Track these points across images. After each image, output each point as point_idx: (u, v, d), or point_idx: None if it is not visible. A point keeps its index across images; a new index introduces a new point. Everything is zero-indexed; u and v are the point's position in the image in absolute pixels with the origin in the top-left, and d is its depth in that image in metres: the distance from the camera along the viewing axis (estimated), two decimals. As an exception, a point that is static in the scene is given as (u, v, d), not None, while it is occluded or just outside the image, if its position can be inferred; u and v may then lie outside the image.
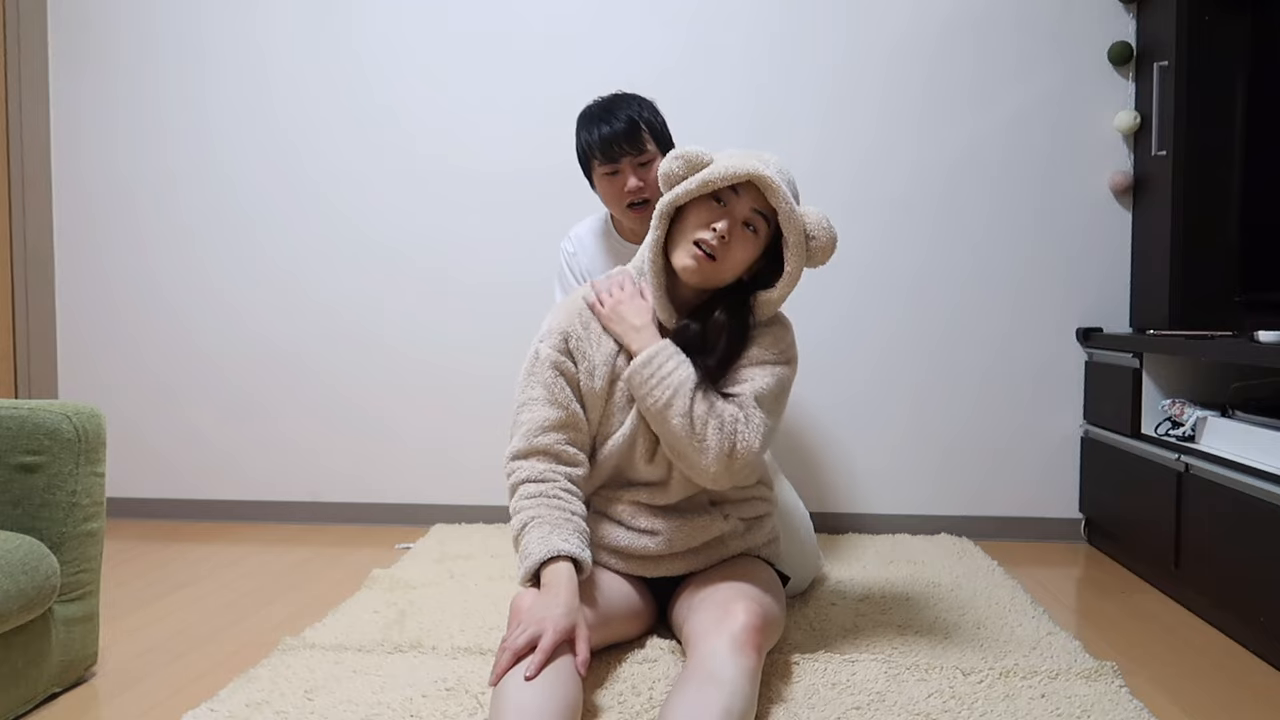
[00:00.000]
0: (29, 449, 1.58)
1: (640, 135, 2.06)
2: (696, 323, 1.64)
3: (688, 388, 1.56)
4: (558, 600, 1.44)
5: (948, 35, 2.75)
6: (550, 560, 1.50)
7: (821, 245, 1.63)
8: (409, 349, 2.93)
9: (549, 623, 1.39)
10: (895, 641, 1.81)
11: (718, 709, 1.26)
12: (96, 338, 3.03)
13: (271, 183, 2.95)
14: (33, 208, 3.02)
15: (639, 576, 1.72)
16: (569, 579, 1.48)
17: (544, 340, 1.67)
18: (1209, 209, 2.45)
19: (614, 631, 1.65)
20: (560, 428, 1.63)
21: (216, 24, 2.93)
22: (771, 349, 1.66)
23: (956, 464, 2.80)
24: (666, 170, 1.63)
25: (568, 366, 1.65)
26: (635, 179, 2.07)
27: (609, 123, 2.06)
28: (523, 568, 1.52)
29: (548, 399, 1.63)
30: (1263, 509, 1.80)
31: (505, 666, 1.35)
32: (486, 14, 2.85)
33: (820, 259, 1.65)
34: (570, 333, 1.67)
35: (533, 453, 1.62)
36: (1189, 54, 2.43)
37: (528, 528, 1.54)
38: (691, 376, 1.57)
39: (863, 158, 2.78)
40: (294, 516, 2.99)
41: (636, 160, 2.07)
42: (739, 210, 1.60)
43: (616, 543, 1.69)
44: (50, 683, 1.60)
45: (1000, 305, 2.78)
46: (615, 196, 2.12)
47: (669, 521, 1.68)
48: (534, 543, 1.51)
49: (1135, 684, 1.66)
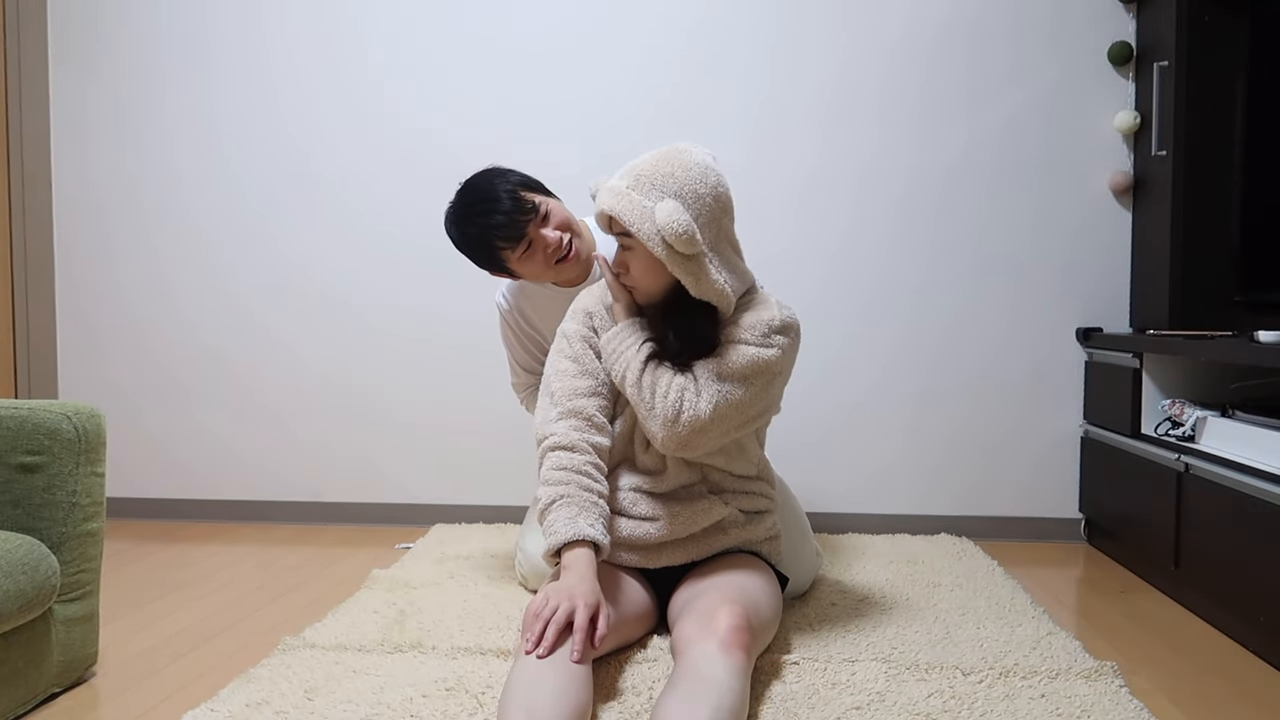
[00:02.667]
0: (29, 449, 1.58)
1: (523, 199, 1.91)
2: (670, 326, 1.69)
3: (639, 359, 1.66)
4: (578, 580, 1.50)
5: (947, 36, 2.75)
6: (574, 544, 1.55)
7: (678, 234, 1.57)
8: (410, 348, 2.93)
9: (580, 598, 1.45)
10: (895, 641, 1.81)
11: (708, 707, 1.27)
12: (96, 338, 3.03)
13: (273, 181, 2.95)
14: (33, 208, 3.02)
15: (642, 571, 1.74)
16: (589, 564, 1.54)
17: (571, 319, 1.79)
18: (1209, 209, 2.45)
19: (624, 635, 1.66)
20: (592, 394, 1.71)
21: (217, 22, 2.93)
22: (750, 330, 1.68)
23: (956, 464, 2.81)
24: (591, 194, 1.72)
25: (594, 340, 1.76)
26: (551, 233, 1.93)
27: (492, 208, 1.89)
28: (547, 542, 1.58)
29: (579, 370, 1.72)
30: (1263, 509, 1.80)
31: (540, 634, 1.39)
32: (493, 16, 2.85)
33: (679, 245, 1.59)
34: (594, 312, 1.78)
35: (568, 415, 1.69)
36: (1189, 54, 2.43)
37: (555, 505, 1.60)
38: (645, 348, 1.67)
39: (864, 163, 2.78)
40: (294, 516, 2.99)
41: (539, 218, 1.92)
42: (619, 238, 1.69)
43: (619, 531, 1.71)
44: (50, 683, 1.60)
45: (1000, 305, 2.78)
46: (542, 263, 1.95)
47: (668, 507, 1.71)
48: (561, 521, 1.57)
49: (1135, 684, 1.66)
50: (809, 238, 2.80)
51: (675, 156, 1.66)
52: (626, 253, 1.68)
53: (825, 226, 2.80)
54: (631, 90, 2.81)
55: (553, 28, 2.84)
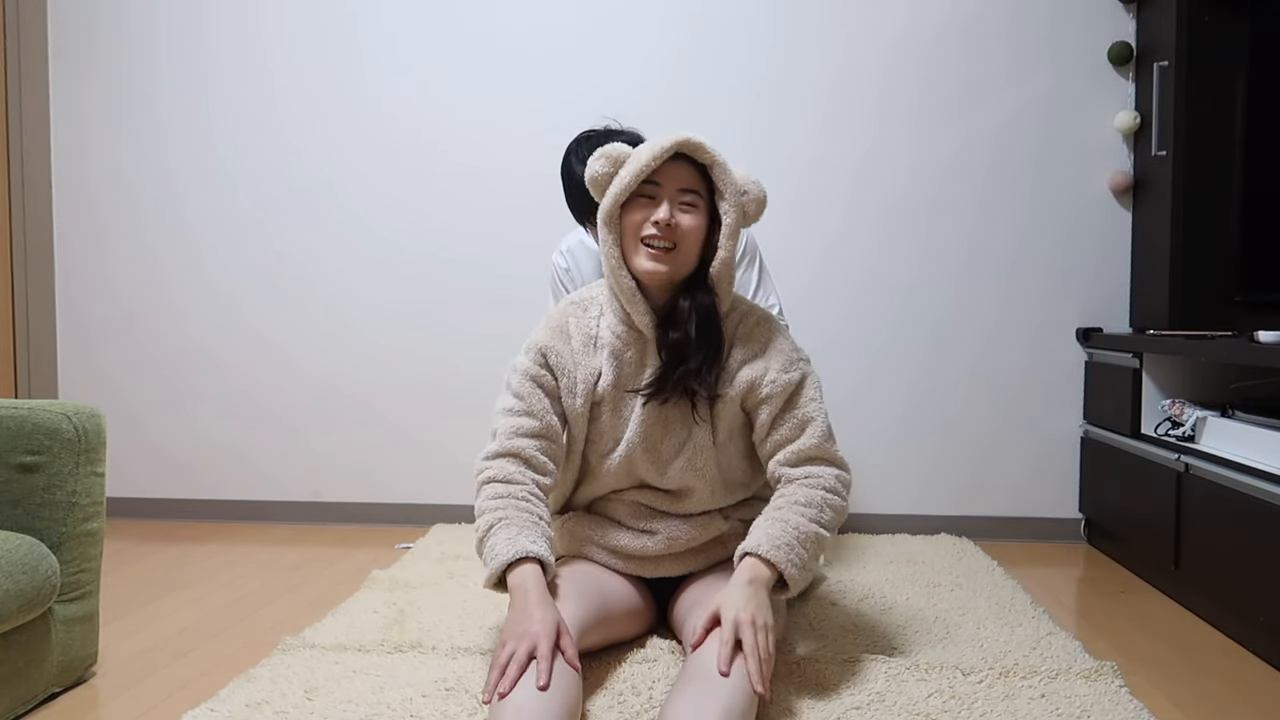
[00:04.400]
0: (29, 449, 1.58)
1: None
2: (675, 329, 1.61)
3: (811, 530, 1.53)
4: (530, 608, 1.40)
5: (947, 36, 2.75)
6: (518, 562, 1.47)
7: (754, 198, 1.61)
8: (410, 348, 2.93)
9: (536, 634, 1.35)
10: (895, 641, 1.81)
11: (718, 707, 1.26)
12: (96, 338, 3.03)
13: (273, 181, 2.95)
14: (33, 208, 3.02)
15: (638, 576, 1.73)
16: (537, 581, 1.45)
17: (525, 353, 1.69)
18: (1209, 209, 2.45)
19: (614, 631, 1.65)
20: (534, 435, 1.63)
21: (217, 22, 2.93)
22: (765, 355, 1.65)
23: (956, 464, 2.81)
24: (593, 174, 1.61)
25: (546, 379, 1.66)
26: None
27: None
28: (489, 569, 1.49)
29: (523, 408, 1.64)
30: (1263, 509, 1.80)
31: (500, 679, 1.30)
32: (491, 14, 2.85)
33: (754, 213, 1.63)
34: (550, 348, 1.67)
35: (504, 454, 1.61)
36: (1189, 54, 2.43)
37: (494, 529, 1.51)
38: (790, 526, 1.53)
39: (862, 160, 2.78)
40: (294, 516, 2.99)
41: None
42: (670, 194, 1.59)
43: (616, 543, 1.69)
44: (50, 683, 1.60)
45: (1000, 305, 2.78)
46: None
47: (668, 522, 1.69)
48: (501, 543, 1.48)
49: (1135, 684, 1.66)
50: (804, 236, 2.80)
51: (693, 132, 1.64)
52: (684, 211, 1.58)
53: (822, 225, 2.80)
54: (629, 89, 2.81)
55: (553, 26, 2.84)
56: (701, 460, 1.66)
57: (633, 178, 1.56)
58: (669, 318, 1.62)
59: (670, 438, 1.66)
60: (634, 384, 1.65)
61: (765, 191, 1.64)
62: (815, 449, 1.61)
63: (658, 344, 1.63)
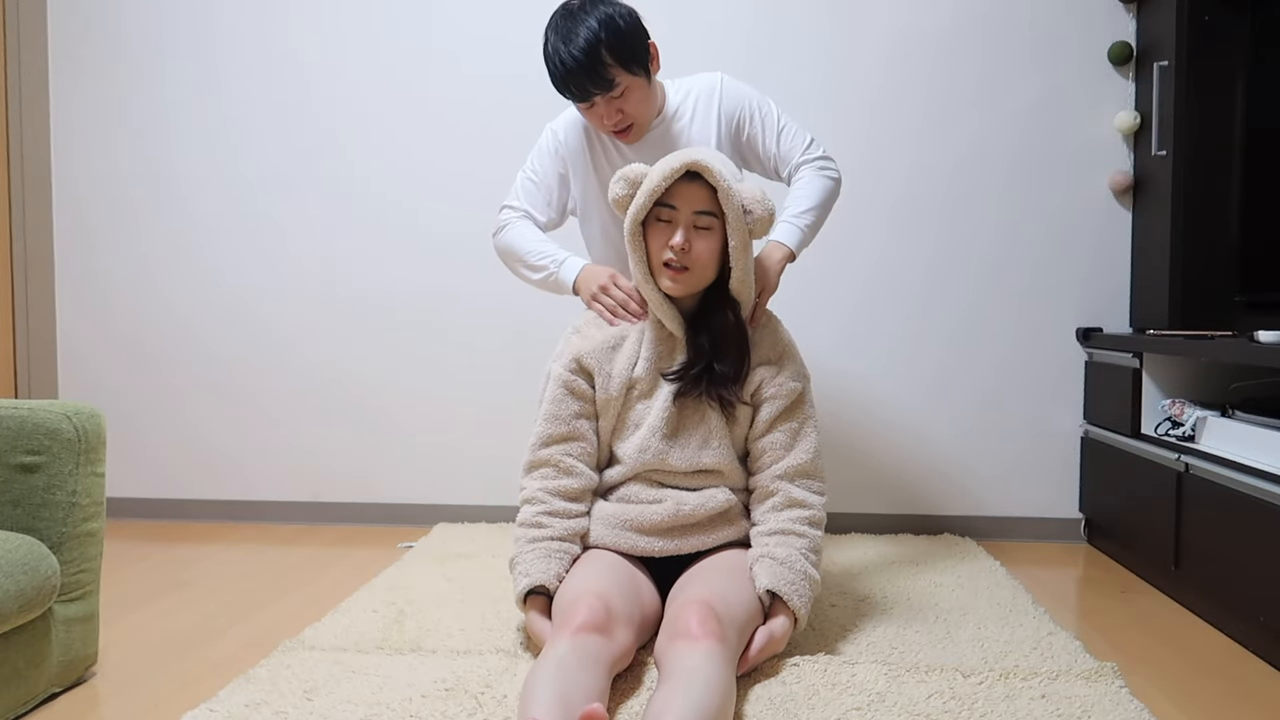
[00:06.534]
0: (29, 449, 1.58)
1: (602, 71, 1.81)
2: (705, 334, 1.76)
3: (807, 566, 1.72)
4: None
5: (946, 36, 2.75)
6: (532, 594, 1.68)
7: (759, 218, 1.71)
8: (410, 348, 2.93)
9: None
10: (895, 642, 1.81)
11: (684, 691, 1.30)
12: (96, 338, 3.03)
13: (274, 182, 2.95)
14: (33, 208, 3.02)
15: (645, 563, 1.77)
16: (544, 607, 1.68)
17: (557, 360, 1.83)
18: (1209, 209, 2.45)
19: (645, 635, 1.67)
20: (561, 440, 1.78)
21: (217, 23, 2.93)
22: (779, 361, 1.80)
23: (957, 464, 2.80)
24: (614, 196, 1.74)
25: (578, 385, 1.79)
26: (612, 113, 1.89)
27: (568, 51, 1.80)
28: (516, 590, 1.71)
29: (552, 414, 1.79)
30: (1263, 509, 1.80)
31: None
32: (499, 14, 2.85)
33: (761, 231, 1.74)
34: (585, 352, 1.80)
35: (535, 465, 1.79)
36: (1189, 54, 2.43)
37: (513, 561, 1.74)
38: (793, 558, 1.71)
39: (862, 160, 2.77)
40: (294, 516, 2.99)
41: (608, 97, 1.85)
42: (686, 217, 1.70)
43: (625, 515, 1.76)
44: (50, 683, 1.60)
45: (1000, 305, 2.77)
46: (594, 122, 1.96)
47: (677, 491, 1.78)
48: (519, 577, 1.71)
49: (1135, 684, 1.66)
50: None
51: (708, 151, 1.74)
52: (697, 233, 1.70)
53: (823, 225, 2.79)
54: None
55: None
56: (720, 446, 1.78)
57: (647, 198, 1.69)
58: (696, 321, 1.78)
59: (693, 429, 1.77)
60: (665, 367, 1.78)
61: (773, 209, 1.73)
62: (809, 465, 1.79)
63: (687, 343, 1.77)
